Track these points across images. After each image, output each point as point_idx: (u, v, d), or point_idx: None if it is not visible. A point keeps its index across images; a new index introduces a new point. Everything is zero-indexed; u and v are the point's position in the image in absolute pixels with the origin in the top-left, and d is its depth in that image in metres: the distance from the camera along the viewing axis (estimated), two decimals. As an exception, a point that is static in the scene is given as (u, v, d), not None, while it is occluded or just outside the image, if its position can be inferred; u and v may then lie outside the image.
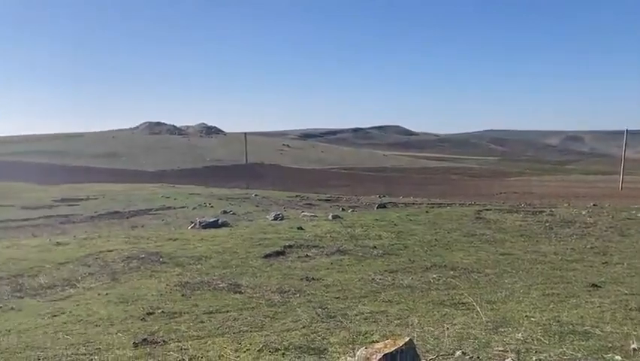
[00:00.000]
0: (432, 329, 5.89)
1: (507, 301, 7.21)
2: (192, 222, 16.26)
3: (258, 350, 5.26)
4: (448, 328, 5.87)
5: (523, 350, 5.13)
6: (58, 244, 12.41)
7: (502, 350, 5.12)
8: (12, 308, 7.38)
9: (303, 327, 6.07)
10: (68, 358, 5.19)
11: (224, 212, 23.42)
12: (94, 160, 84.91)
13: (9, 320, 6.79)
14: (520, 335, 5.61)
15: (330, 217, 16.77)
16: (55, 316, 6.88)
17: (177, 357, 5.09)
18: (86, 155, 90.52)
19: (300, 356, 5.08)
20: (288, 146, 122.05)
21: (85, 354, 5.29)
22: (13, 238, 15.54)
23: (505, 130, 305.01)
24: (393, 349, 4.03)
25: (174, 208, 27.78)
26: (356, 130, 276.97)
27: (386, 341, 4.28)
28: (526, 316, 6.40)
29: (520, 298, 7.37)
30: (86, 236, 14.25)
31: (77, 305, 7.36)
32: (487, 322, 6.08)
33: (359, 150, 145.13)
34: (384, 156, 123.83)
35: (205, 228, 14.90)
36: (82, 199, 33.74)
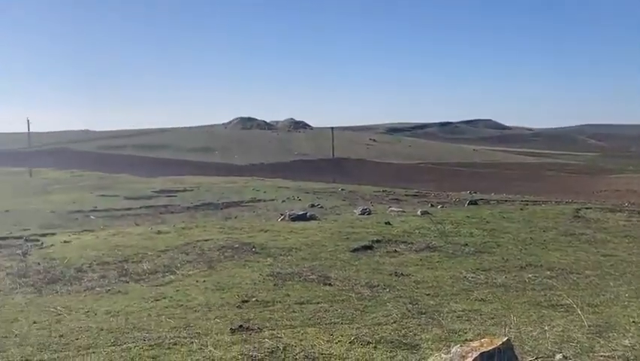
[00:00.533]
0: (530, 330, 5.67)
1: (611, 305, 6.79)
2: (282, 215, 16.66)
3: (350, 343, 5.30)
4: (547, 330, 5.62)
5: (631, 358, 4.82)
6: (159, 232, 13.16)
7: (607, 356, 4.83)
8: (119, 291, 7.91)
9: (394, 322, 6.04)
10: (170, 340, 5.49)
11: (312, 205, 23.80)
12: (189, 154, 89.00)
13: (117, 302, 7.29)
14: (627, 341, 5.27)
15: (418, 213, 16.56)
16: (157, 300, 7.29)
17: (272, 345, 5.24)
18: (181, 149, 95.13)
19: (391, 351, 5.07)
20: (374, 140, 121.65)
21: (186, 338, 5.57)
22: (118, 226, 16.69)
23: (606, 124, 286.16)
24: (490, 348, 3.93)
25: (264, 201, 28.64)
26: (444, 124, 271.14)
27: (482, 340, 4.18)
28: (633, 321, 6.00)
29: (626, 303, 6.92)
30: (184, 225, 15.01)
31: (177, 291, 7.76)
32: (589, 326, 5.76)
33: (447, 144, 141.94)
34: (474, 150, 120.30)
35: (294, 220, 15.21)
36: (179, 191, 35.63)
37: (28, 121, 67.41)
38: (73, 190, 36.90)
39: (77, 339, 5.56)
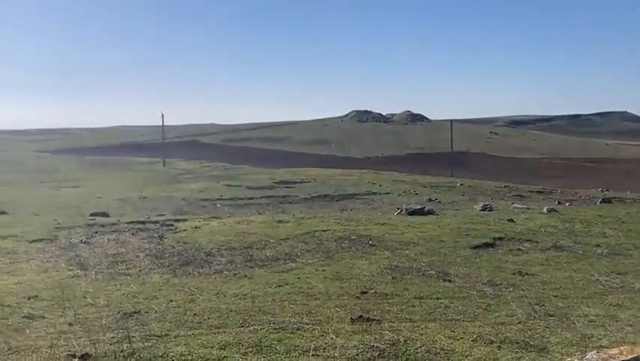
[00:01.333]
0: (676, 342, 5.17)
1: None
2: (398, 208, 16.56)
3: (472, 340, 5.18)
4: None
5: None
6: (280, 221, 13.67)
7: None
8: (245, 276, 8.34)
9: (519, 322, 5.80)
10: (294, 325, 5.70)
11: (430, 200, 23.38)
12: (306, 147, 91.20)
13: (243, 285, 7.70)
14: None
15: (544, 210, 15.67)
16: (280, 286, 7.60)
17: (392, 337, 5.26)
18: (299, 142, 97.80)
19: (517, 352, 4.88)
20: (495, 133, 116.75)
21: (308, 324, 5.76)
22: (242, 215, 17.57)
23: None
24: (631, 357, 3.65)
25: (379, 194, 28.65)
26: (573, 117, 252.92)
27: (621, 348, 3.89)
28: None
29: None
30: (303, 216, 15.46)
31: (298, 278, 8.03)
32: None
33: (576, 138, 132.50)
34: (606, 145, 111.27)
35: (411, 214, 15.06)
36: (297, 182, 36.77)
37: (162, 115, 72.81)
38: (201, 180, 39.48)
39: (209, 318, 5.96)
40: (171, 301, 6.80)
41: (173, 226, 13.44)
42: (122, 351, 4.61)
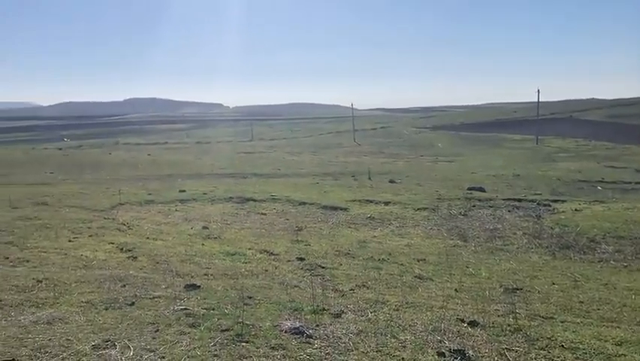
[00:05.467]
0: None
1: None
2: None
3: None
4: None
5: None
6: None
7: None
8: (638, 269, 7.41)
9: None
10: None
11: None
12: None
13: (636, 280, 6.84)
14: None
15: None
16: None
17: None
18: None
19: None
20: None
21: None
22: (631, 200, 15.54)
23: None
24: None
25: None
26: None
27: None
28: None
29: None
30: None
31: None
32: None
33: None
34: None
35: None
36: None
37: (538, 91, 70.16)
38: (578, 159, 36.66)
39: (598, 309, 5.51)
40: (553, 283, 6.56)
41: (550, 206, 12.89)
42: (508, 325, 4.68)
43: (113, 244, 8.33)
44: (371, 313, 5.12)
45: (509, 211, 12.40)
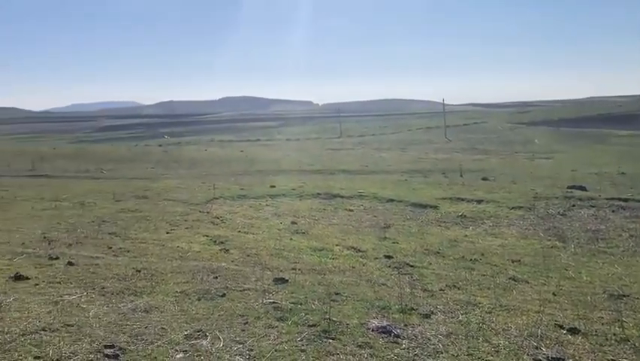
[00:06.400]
0: None
1: None
2: None
3: None
4: None
5: None
6: None
7: None
8: None
9: None
10: None
11: None
12: None
13: None
14: None
15: None
16: None
17: None
18: None
19: None
20: None
21: None
22: None
23: None
24: None
25: None
26: None
27: None
28: None
29: None
30: None
31: None
32: None
33: None
34: None
35: None
36: None
37: (646, 82, 64.99)
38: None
39: None
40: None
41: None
42: (614, 335, 4.33)
43: (207, 236, 8.64)
44: (462, 314, 4.93)
45: (614, 212, 11.55)
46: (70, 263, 6.34)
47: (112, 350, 3.71)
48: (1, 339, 3.86)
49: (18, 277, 5.61)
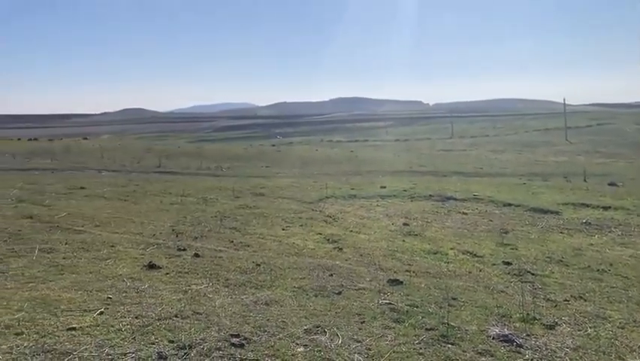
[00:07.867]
0: None
1: None
2: None
3: None
4: None
5: None
6: None
7: None
8: None
9: None
10: None
11: None
12: None
13: None
14: None
15: None
16: None
17: None
18: None
19: None
20: None
21: None
22: None
23: None
24: None
25: None
26: None
27: None
28: None
29: None
30: None
31: None
32: None
33: None
34: None
35: None
36: None
37: None
38: None
39: None
40: None
41: None
42: None
43: (320, 234, 8.82)
44: (590, 328, 4.63)
45: None
46: (196, 255, 6.75)
47: (238, 340, 3.90)
48: (140, 322, 4.20)
49: (151, 266, 6.08)
